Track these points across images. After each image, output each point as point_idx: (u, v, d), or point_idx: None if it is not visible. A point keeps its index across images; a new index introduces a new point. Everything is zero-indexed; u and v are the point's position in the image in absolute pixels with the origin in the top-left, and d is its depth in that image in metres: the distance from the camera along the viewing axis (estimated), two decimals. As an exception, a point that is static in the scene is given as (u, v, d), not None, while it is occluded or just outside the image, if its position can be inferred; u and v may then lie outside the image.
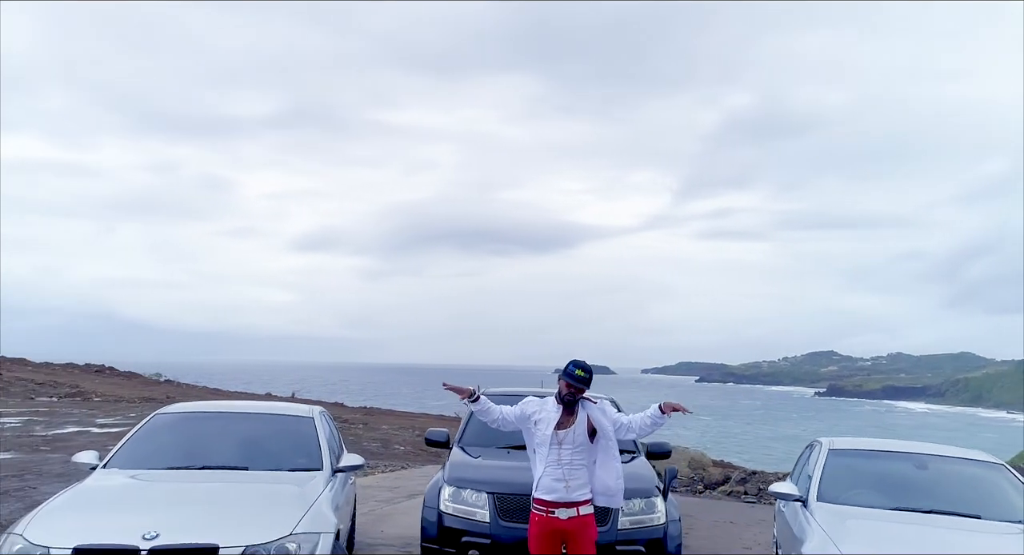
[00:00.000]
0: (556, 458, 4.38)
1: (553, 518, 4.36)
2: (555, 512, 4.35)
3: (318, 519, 4.48)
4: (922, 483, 5.83)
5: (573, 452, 4.38)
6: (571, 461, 4.37)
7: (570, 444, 4.38)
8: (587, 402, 4.47)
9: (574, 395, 4.39)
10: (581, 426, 4.40)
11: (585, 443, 4.40)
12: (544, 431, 4.42)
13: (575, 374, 4.37)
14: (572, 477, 4.37)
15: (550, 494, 4.37)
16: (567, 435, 4.38)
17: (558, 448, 4.38)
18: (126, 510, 4.35)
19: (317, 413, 6.10)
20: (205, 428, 5.70)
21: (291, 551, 4.12)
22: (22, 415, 19.62)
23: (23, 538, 3.96)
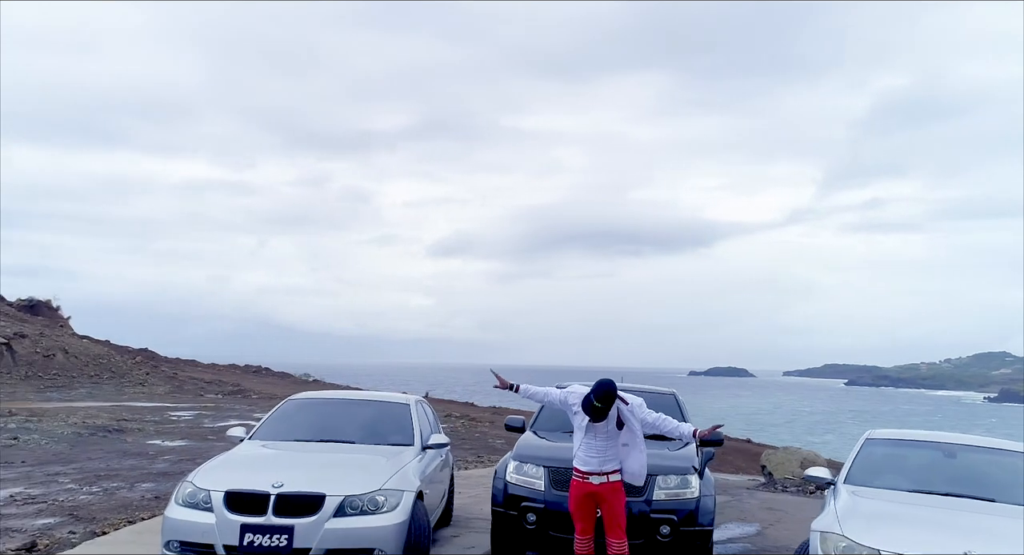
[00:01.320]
0: (591, 441, 5.40)
1: (587, 483, 5.38)
2: (589, 478, 5.38)
3: (403, 480, 5.75)
4: (948, 469, 6.30)
5: (606, 438, 5.39)
6: (604, 444, 5.39)
7: (603, 433, 5.39)
8: (620, 402, 5.43)
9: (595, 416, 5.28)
10: (612, 421, 5.39)
11: (615, 431, 5.39)
12: (581, 421, 5.45)
13: (593, 405, 5.25)
14: (604, 455, 5.38)
15: (585, 466, 5.40)
16: (601, 426, 5.39)
17: (593, 435, 5.40)
18: (261, 468, 5.79)
19: (413, 401, 7.43)
20: (324, 411, 7.21)
21: (379, 501, 5.42)
22: (193, 409, 22.57)
23: (192, 483, 5.51)
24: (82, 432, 16.06)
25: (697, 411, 47.87)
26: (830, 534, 5.13)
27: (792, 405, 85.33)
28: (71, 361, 29.59)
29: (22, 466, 11.83)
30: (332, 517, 5.27)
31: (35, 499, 9.30)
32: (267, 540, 5.13)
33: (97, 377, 29.27)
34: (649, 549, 5.98)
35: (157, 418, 19.77)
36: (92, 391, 26.85)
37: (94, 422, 17.68)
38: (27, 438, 14.82)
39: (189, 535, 5.29)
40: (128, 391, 27.57)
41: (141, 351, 38.08)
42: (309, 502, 5.28)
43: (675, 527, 5.98)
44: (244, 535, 5.16)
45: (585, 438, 5.41)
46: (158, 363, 36.17)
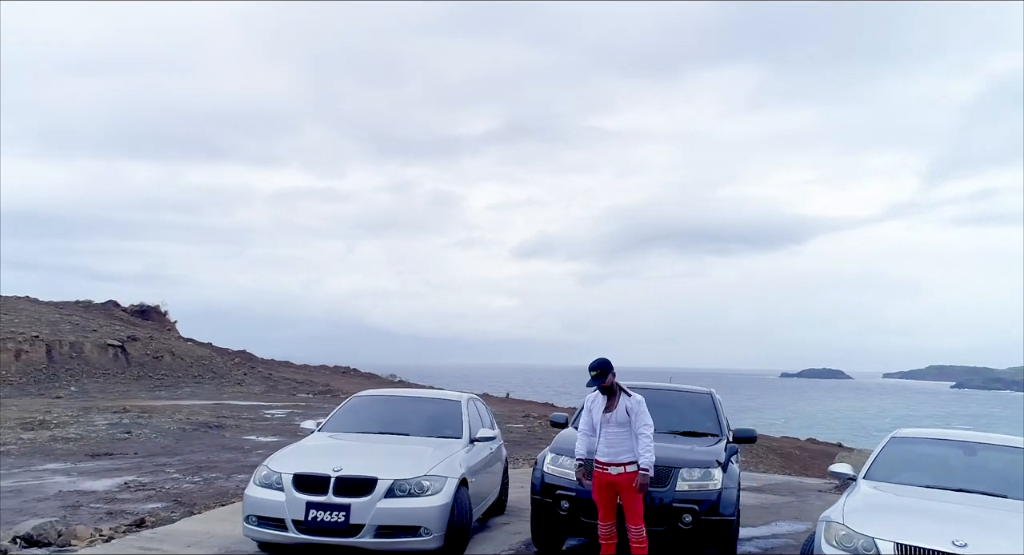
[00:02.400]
0: (606, 435, 6.01)
1: (606, 473, 5.99)
2: (607, 469, 5.98)
3: (448, 468, 6.50)
4: (966, 466, 6.53)
5: (617, 428, 5.98)
6: (616, 434, 5.98)
7: (614, 424, 5.99)
8: (625, 395, 6.05)
9: (601, 385, 5.99)
10: (621, 411, 6.00)
11: (625, 422, 5.98)
12: (596, 415, 6.08)
13: (590, 372, 6.00)
14: (618, 446, 5.97)
15: (604, 457, 6.01)
16: (611, 417, 6.00)
17: (606, 426, 6.01)
18: (325, 455, 6.64)
19: (465, 399, 8.17)
20: (384, 407, 8.06)
21: (425, 485, 6.17)
22: (286, 408, 24.10)
23: (267, 467, 6.44)
24: (186, 428, 17.62)
25: (791, 414, 47.68)
26: (833, 523, 5.55)
27: (897, 409, 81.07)
28: (177, 362, 31.88)
29: (134, 457, 13.24)
30: (383, 498, 6.07)
31: (145, 486, 10.52)
32: (327, 516, 5.98)
33: (200, 377, 31.44)
34: (671, 536, 6.49)
35: (252, 416, 21.30)
36: (195, 390, 28.93)
37: (197, 419, 19.29)
38: (139, 432, 16.43)
39: (264, 511, 6.20)
40: (227, 390, 29.55)
41: (239, 353, 40.50)
42: (363, 484, 6.10)
43: (696, 516, 6.47)
44: (309, 511, 6.03)
45: (601, 431, 6.02)
46: (255, 364, 38.40)
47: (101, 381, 27.98)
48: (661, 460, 6.61)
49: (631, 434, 5.98)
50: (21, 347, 27.84)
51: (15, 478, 10.78)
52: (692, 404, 8.18)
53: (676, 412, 7.98)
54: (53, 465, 12.06)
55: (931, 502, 5.88)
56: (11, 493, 9.63)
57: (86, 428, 16.62)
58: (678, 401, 8.25)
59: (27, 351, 27.87)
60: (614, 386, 6.06)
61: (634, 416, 5.98)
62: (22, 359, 27.52)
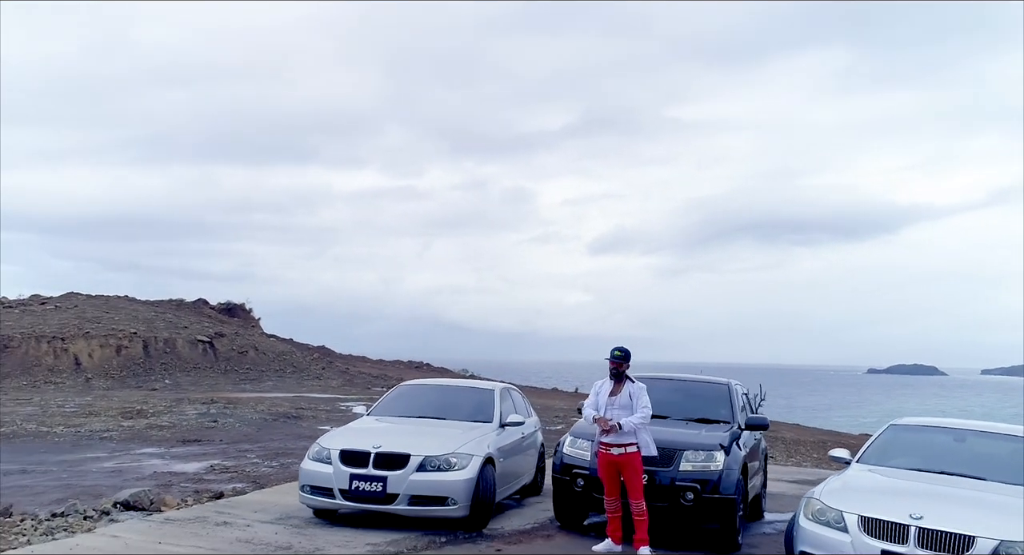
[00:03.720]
0: (610, 416, 6.77)
1: (609, 453, 6.75)
2: (611, 449, 6.74)
3: (475, 447, 7.40)
4: (954, 452, 6.97)
5: (619, 411, 6.74)
6: (619, 416, 6.73)
7: (617, 407, 6.75)
8: (629, 382, 6.80)
9: (616, 368, 6.77)
10: (624, 396, 6.76)
11: (628, 405, 6.74)
12: (602, 398, 6.85)
13: (613, 354, 6.83)
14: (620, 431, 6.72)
15: (606, 438, 6.77)
16: (615, 400, 6.77)
17: (610, 408, 6.78)
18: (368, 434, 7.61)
19: (499, 388, 9.05)
20: (425, 394, 9.09)
21: (452, 462, 7.09)
22: (360, 401, 25.52)
23: (319, 444, 7.49)
24: (267, 418, 19.10)
25: (874, 411, 46.61)
26: (811, 500, 6.18)
27: (1002, 408, 76.46)
28: (260, 357, 33.92)
29: (220, 443, 14.65)
30: (415, 471, 7.04)
31: (228, 469, 11.80)
32: (367, 486, 6.99)
33: (281, 371, 33.37)
34: (674, 512, 7.20)
35: (328, 408, 22.75)
36: (277, 383, 30.80)
37: (277, 410, 20.80)
38: (224, 421, 17.97)
39: (316, 481, 7.26)
40: (307, 384, 31.32)
41: (318, 348, 42.56)
42: (398, 459, 7.08)
43: (698, 494, 7.15)
44: (352, 482, 7.05)
45: (606, 413, 6.78)
46: (332, 359, 40.32)
47: (192, 374, 30.14)
48: (667, 443, 7.34)
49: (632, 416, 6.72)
50: (121, 343, 30.27)
51: (117, 460, 12.24)
52: (708, 394, 8.81)
53: (692, 401, 8.64)
54: (149, 449, 13.54)
55: (907, 482, 6.40)
56: (113, 473, 11.03)
57: (178, 417, 18.26)
58: (695, 391, 8.91)
59: (127, 347, 30.28)
60: (623, 373, 6.85)
61: (635, 400, 6.73)
62: (122, 354, 29.94)
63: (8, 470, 10.85)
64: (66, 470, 11.19)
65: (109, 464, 11.79)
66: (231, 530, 6.87)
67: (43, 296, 36.37)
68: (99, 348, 29.63)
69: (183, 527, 6.88)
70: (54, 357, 28.61)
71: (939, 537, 5.32)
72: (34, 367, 27.81)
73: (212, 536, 6.62)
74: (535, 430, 9.62)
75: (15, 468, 11.07)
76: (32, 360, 28.16)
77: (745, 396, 9.63)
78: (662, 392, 8.85)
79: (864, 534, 5.57)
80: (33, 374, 27.25)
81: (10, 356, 28.03)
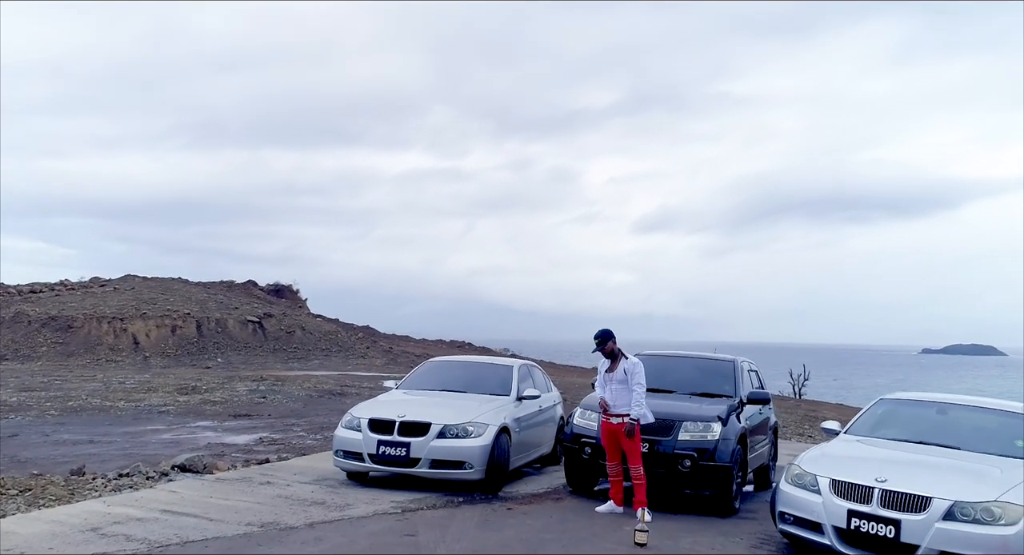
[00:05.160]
0: (609, 389, 7.47)
1: (609, 422, 7.43)
2: (611, 419, 7.42)
3: (491, 417, 8.14)
4: (935, 424, 7.42)
5: (617, 385, 7.42)
6: (617, 390, 7.42)
7: (615, 382, 7.44)
8: (624, 358, 7.47)
9: (601, 351, 7.47)
10: (620, 372, 7.44)
11: (624, 380, 7.40)
12: (602, 374, 7.53)
13: (594, 340, 7.50)
14: (618, 399, 7.41)
15: (608, 408, 7.45)
16: (612, 376, 7.46)
17: (609, 383, 7.48)
18: (395, 405, 8.38)
19: (518, 364, 9.77)
20: (450, 369, 9.89)
21: (469, 430, 7.84)
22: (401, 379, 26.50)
23: (351, 414, 8.31)
24: (312, 395, 20.14)
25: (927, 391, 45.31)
26: (792, 465, 6.77)
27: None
28: (307, 337, 35.24)
29: (268, 418, 15.66)
30: (435, 438, 7.82)
31: (276, 442, 12.73)
32: (393, 450, 7.80)
33: (327, 350, 34.64)
34: (672, 478, 7.84)
35: (372, 385, 23.71)
36: (323, 362, 32.05)
37: (322, 387, 21.85)
38: (273, 397, 19.05)
39: (347, 446, 8.11)
40: (352, 362, 32.50)
41: (363, 328, 43.85)
42: (420, 427, 7.88)
43: (695, 462, 7.76)
44: (379, 447, 7.87)
45: (606, 387, 7.50)
46: (377, 339, 41.55)
47: (243, 353, 31.55)
48: (667, 415, 7.97)
49: (628, 390, 7.39)
50: (176, 323, 31.82)
51: (174, 432, 13.29)
52: (713, 370, 9.39)
53: (697, 376, 9.24)
54: (203, 423, 14.58)
55: (883, 451, 6.94)
56: (171, 443, 12.05)
57: (230, 393, 19.40)
58: (701, 367, 9.51)
59: (181, 327, 31.82)
60: (615, 351, 7.50)
61: (630, 376, 7.38)
62: (177, 334, 31.48)
63: (78, 440, 11.96)
64: (128, 440, 12.24)
65: (167, 435, 12.82)
66: (273, 488, 7.75)
67: (102, 279, 38.26)
68: (155, 328, 31.20)
69: (231, 485, 7.79)
70: (114, 337, 30.26)
71: (899, 498, 5.88)
72: (96, 346, 29.48)
73: (256, 493, 7.50)
74: (554, 404, 10.32)
75: (84, 438, 12.17)
76: (94, 339, 29.84)
77: (755, 373, 10.15)
78: (670, 368, 9.50)
79: (834, 495, 6.15)
80: (96, 353, 28.90)
81: (74, 336, 29.75)
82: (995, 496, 5.75)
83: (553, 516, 7.26)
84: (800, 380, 32.89)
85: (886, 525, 5.82)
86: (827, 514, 6.12)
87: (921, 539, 5.70)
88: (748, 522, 7.77)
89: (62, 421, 14.06)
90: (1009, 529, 5.56)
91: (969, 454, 6.78)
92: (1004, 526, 5.58)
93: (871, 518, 5.89)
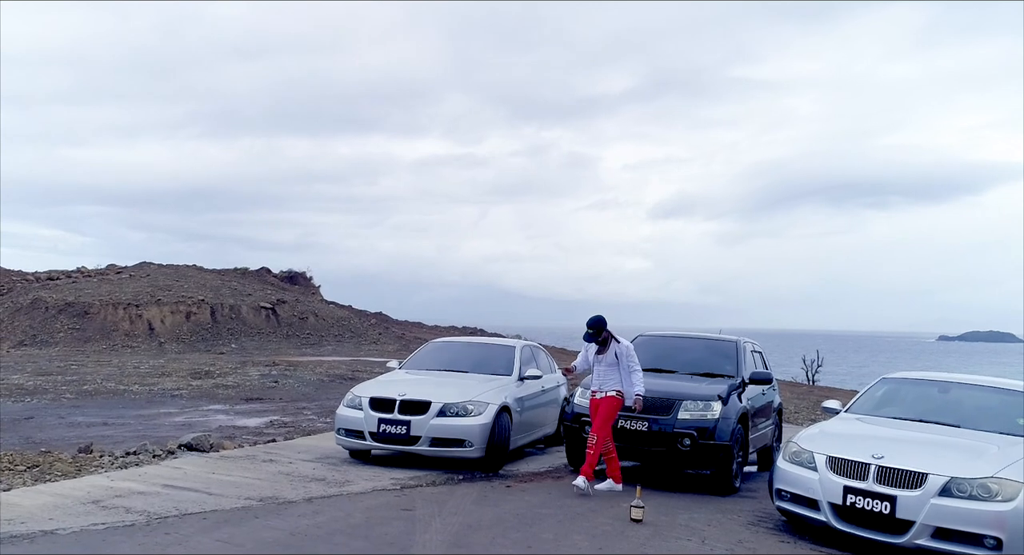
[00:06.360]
0: (597, 371, 7.57)
1: (595, 399, 7.55)
2: (597, 395, 7.53)
3: (492, 396, 8.19)
4: (936, 402, 7.37)
5: (607, 368, 7.50)
6: (605, 372, 7.51)
7: (605, 364, 7.51)
8: (614, 342, 7.50)
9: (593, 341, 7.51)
10: (611, 355, 7.50)
11: (614, 363, 7.47)
12: (591, 355, 7.63)
13: (586, 332, 7.55)
14: (605, 381, 7.51)
15: (594, 387, 7.59)
16: (603, 359, 7.53)
17: (598, 365, 7.56)
18: (396, 384, 8.46)
19: (520, 345, 9.81)
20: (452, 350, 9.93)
21: (469, 408, 7.89)
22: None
23: (353, 393, 8.36)
24: (324, 379, 20.30)
25: None
26: (790, 443, 6.77)
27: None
28: (320, 323, 35.46)
29: (279, 401, 15.82)
30: (435, 417, 7.87)
31: (286, 424, 12.86)
32: (393, 429, 7.87)
33: (340, 336, 34.85)
34: (671, 456, 7.85)
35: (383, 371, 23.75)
36: (336, 348, 32.25)
37: (334, 372, 22.02)
38: (284, 382, 19.23)
39: (349, 425, 8.19)
40: (364, 348, 32.69)
41: (376, 315, 44.06)
42: (420, 405, 7.94)
43: (695, 440, 7.77)
44: (380, 425, 7.93)
45: (594, 369, 7.62)
46: (389, 325, 41.76)
47: (256, 339, 31.81)
48: (667, 394, 7.99)
49: (618, 371, 7.50)
50: (191, 309, 32.11)
51: (186, 415, 13.46)
52: (716, 350, 9.38)
53: (699, 357, 9.23)
54: (215, 406, 14.75)
55: (882, 428, 6.90)
56: (183, 426, 12.20)
57: (242, 378, 19.60)
58: (703, 347, 9.50)
59: (195, 313, 32.11)
60: (607, 338, 7.58)
61: (623, 359, 7.47)
62: (191, 320, 31.78)
63: (92, 422, 12.14)
64: (142, 423, 12.41)
65: (180, 418, 12.98)
66: (275, 466, 7.84)
67: (119, 266, 38.65)
68: (170, 314, 31.52)
69: (234, 462, 7.89)
70: (130, 323, 30.59)
71: (895, 474, 5.86)
72: (112, 332, 29.82)
73: (258, 469, 7.60)
74: (557, 385, 10.35)
75: (98, 421, 12.36)
76: (110, 326, 30.18)
77: (759, 354, 10.12)
78: (672, 349, 9.51)
79: (830, 472, 6.14)
80: (111, 339, 29.25)
81: (91, 322, 30.11)
82: (992, 472, 5.73)
83: (551, 493, 7.31)
84: (814, 366, 32.75)
85: (882, 501, 5.82)
86: (823, 491, 6.12)
87: (916, 515, 5.69)
88: (747, 500, 7.78)
89: (77, 404, 14.28)
90: (1006, 505, 5.54)
91: (969, 431, 6.74)
92: (1001, 502, 5.56)
93: (867, 494, 5.89)
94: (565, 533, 5.84)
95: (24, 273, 36.16)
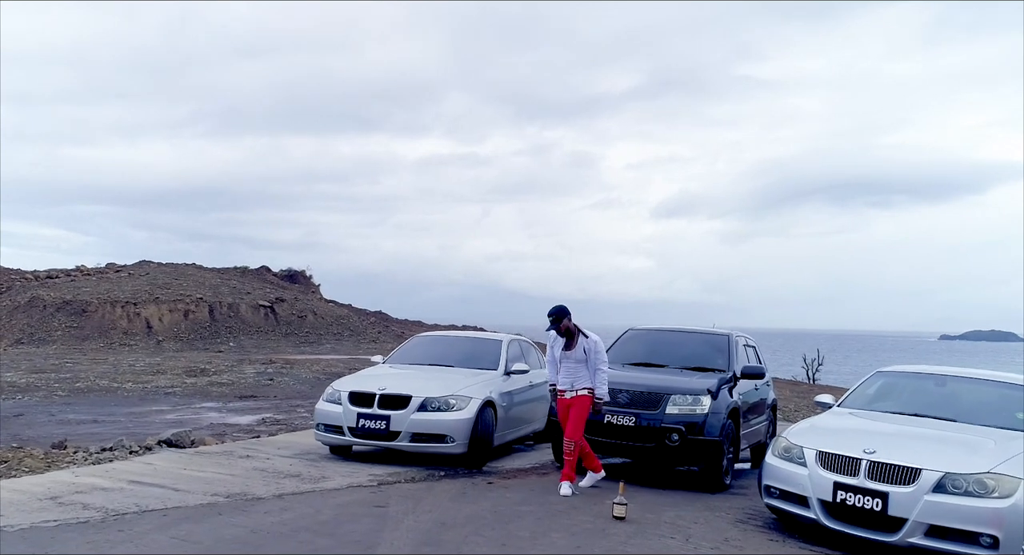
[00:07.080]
0: (565, 368, 7.19)
1: (564, 398, 7.20)
2: (565, 394, 7.19)
3: (476, 391, 7.94)
4: (932, 396, 7.10)
5: (575, 364, 7.14)
6: (574, 369, 7.14)
7: (572, 360, 7.16)
8: (582, 337, 7.17)
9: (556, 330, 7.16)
10: (579, 351, 7.14)
11: (582, 358, 7.12)
12: (557, 352, 7.25)
13: (548, 318, 7.17)
14: (574, 376, 7.15)
15: (563, 386, 7.21)
16: (570, 354, 7.17)
17: (565, 361, 7.19)
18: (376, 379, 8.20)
19: (507, 339, 9.54)
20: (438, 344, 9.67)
21: (451, 403, 7.65)
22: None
23: (332, 387, 8.16)
24: (320, 377, 20.12)
25: None
26: (779, 438, 6.52)
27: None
28: (319, 321, 35.30)
29: (274, 399, 15.64)
30: (416, 412, 7.62)
31: (279, 422, 12.67)
32: (372, 424, 7.62)
33: (339, 335, 34.69)
34: (660, 452, 7.60)
35: (378, 367, 23.72)
36: (335, 346, 32.08)
37: (331, 370, 21.84)
38: (280, 380, 19.05)
39: (328, 420, 7.95)
40: (363, 347, 32.50)
41: (375, 313, 43.86)
42: (400, 400, 7.68)
43: (683, 435, 7.51)
44: (359, 420, 7.69)
45: (561, 365, 7.22)
46: (389, 324, 41.56)
47: (255, 337, 31.66)
48: (655, 388, 7.74)
49: (586, 367, 7.13)
50: (189, 308, 31.97)
51: (178, 413, 13.27)
52: (707, 344, 9.11)
53: (690, 351, 8.97)
54: (208, 404, 14.58)
55: (874, 423, 6.65)
56: (174, 423, 12.01)
57: (237, 376, 19.44)
58: (696, 341, 9.22)
59: (194, 311, 31.98)
60: (572, 329, 7.21)
61: (591, 355, 7.11)
62: (190, 318, 31.64)
63: (82, 420, 11.97)
64: (132, 420, 12.23)
65: (171, 416, 12.79)
66: (252, 461, 7.62)
67: (118, 264, 38.54)
68: (168, 312, 31.38)
69: (209, 458, 7.67)
70: (128, 321, 30.46)
71: (887, 470, 5.60)
72: (110, 330, 29.71)
73: (233, 465, 7.38)
74: (546, 381, 10.09)
75: (88, 418, 12.18)
76: (108, 324, 30.06)
77: (752, 349, 9.86)
78: (663, 343, 9.25)
79: (820, 467, 5.89)
80: (109, 337, 29.13)
81: (88, 320, 29.99)
82: (988, 467, 5.47)
83: (534, 490, 7.07)
84: (814, 365, 32.39)
85: (873, 498, 5.56)
86: (813, 487, 5.87)
87: (909, 512, 5.43)
88: (738, 497, 7.54)
89: (69, 401, 14.12)
90: (1003, 502, 5.28)
91: (964, 426, 6.47)
92: (997, 498, 5.30)
93: (858, 490, 5.64)
94: (543, 531, 5.61)
95: (23, 271, 36.08)
